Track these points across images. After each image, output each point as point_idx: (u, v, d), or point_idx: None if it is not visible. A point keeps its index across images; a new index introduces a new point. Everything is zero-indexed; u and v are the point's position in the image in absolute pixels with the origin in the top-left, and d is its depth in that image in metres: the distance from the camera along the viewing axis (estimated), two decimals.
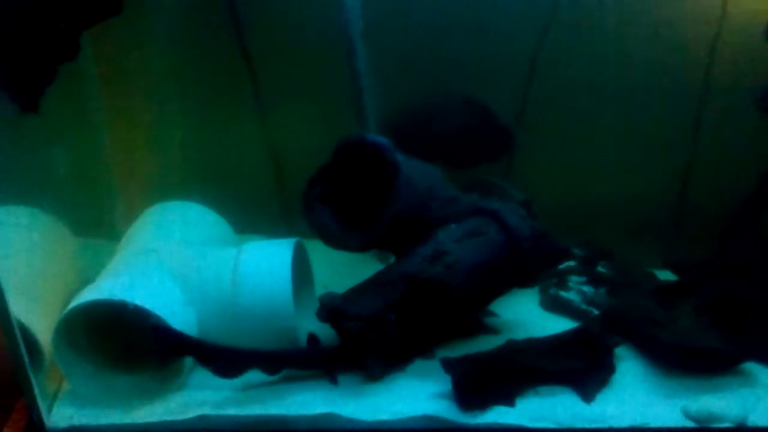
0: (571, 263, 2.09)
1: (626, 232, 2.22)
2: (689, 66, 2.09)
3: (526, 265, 1.71)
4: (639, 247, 2.19)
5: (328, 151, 1.73)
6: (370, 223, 1.63)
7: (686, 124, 2.17)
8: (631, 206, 2.24)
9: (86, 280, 1.65)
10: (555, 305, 2.01)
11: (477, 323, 1.88)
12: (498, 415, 1.51)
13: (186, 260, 1.68)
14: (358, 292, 1.64)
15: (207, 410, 1.51)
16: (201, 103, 2.16)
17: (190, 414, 1.50)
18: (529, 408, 1.53)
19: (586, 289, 2.01)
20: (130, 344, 1.67)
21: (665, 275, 2.12)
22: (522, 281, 1.81)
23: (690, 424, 1.51)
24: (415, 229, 1.67)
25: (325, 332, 1.66)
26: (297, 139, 2.22)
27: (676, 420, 1.52)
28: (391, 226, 1.59)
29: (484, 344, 1.70)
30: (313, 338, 1.64)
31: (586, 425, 1.50)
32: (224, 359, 1.51)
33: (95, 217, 2.04)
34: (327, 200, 1.72)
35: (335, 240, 1.68)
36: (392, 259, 1.81)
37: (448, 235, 1.68)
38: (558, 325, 1.87)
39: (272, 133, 2.22)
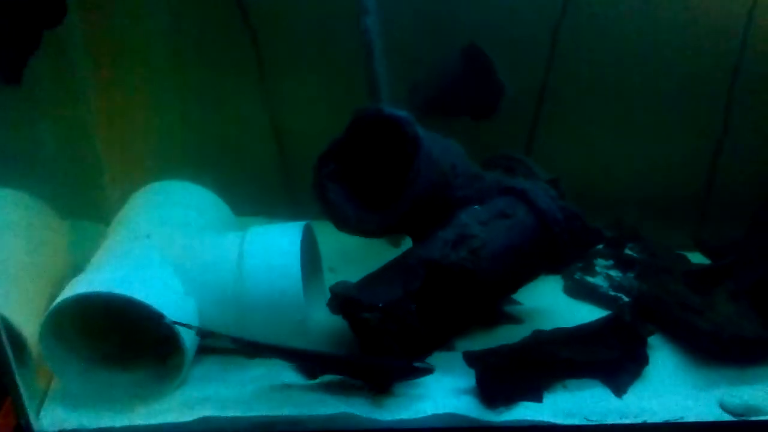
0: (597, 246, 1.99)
1: (653, 212, 2.17)
2: (722, 40, 2.04)
3: (559, 250, 1.64)
4: (667, 228, 2.14)
5: (335, 128, 1.65)
6: (387, 205, 1.56)
7: (717, 100, 2.12)
8: (658, 184, 2.20)
9: (74, 267, 1.60)
10: (580, 291, 1.95)
11: (498, 312, 1.82)
12: (525, 411, 1.47)
13: (184, 246, 1.60)
14: (373, 279, 1.58)
15: (210, 411, 1.45)
16: (200, 75, 2.09)
17: (193, 415, 1.44)
18: (558, 403, 1.49)
19: (613, 273, 1.95)
20: (125, 339, 1.61)
21: (696, 257, 2.06)
22: (553, 267, 1.74)
23: (728, 417, 1.48)
24: (435, 210, 1.59)
25: (336, 324, 1.62)
26: (302, 114, 2.14)
27: (714, 413, 1.49)
28: (412, 207, 1.51)
29: (506, 335, 1.66)
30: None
31: (618, 420, 1.46)
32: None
33: (82, 197, 1.97)
34: (339, 179, 1.63)
35: (349, 223, 1.59)
36: (402, 244, 1.76)
37: (472, 217, 1.60)
38: (584, 312, 1.83)
39: (276, 106, 2.15)
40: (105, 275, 1.48)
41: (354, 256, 1.95)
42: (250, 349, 1.54)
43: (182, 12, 1.98)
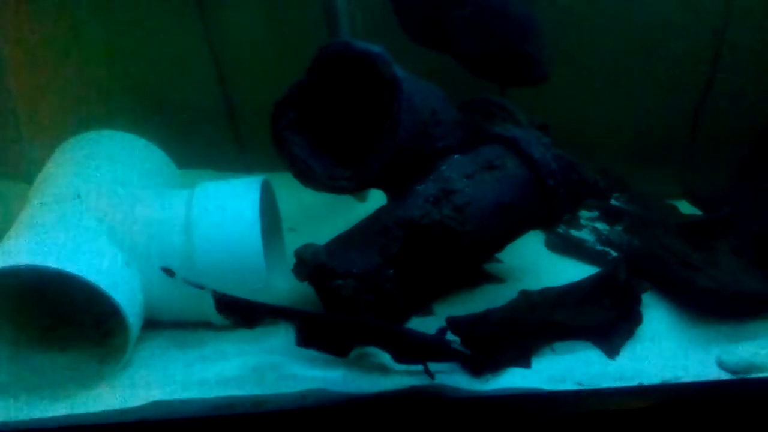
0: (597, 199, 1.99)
1: (636, 158, 2.17)
2: None
3: (553, 205, 1.60)
4: (652, 175, 2.14)
5: (290, 67, 1.57)
6: (358, 159, 1.50)
7: (705, 45, 2.13)
8: (641, 129, 2.19)
9: None
10: (564, 246, 1.92)
11: (478, 271, 1.78)
12: (513, 378, 1.45)
13: (121, 207, 1.53)
14: (344, 242, 1.53)
15: (161, 394, 1.40)
16: (130, 11, 1.97)
17: (141, 399, 1.38)
18: (547, 368, 1.49)
19: (600, 226, 1.94)
20: (58, 317, 1.56)
21: (685, 207, 2.07)
22: (545, 223, 1.70)
23: (727, 376, 1.49)
24: (413, 163, 1.54)
25: (300, 291, 1.58)
26: (250, 52, 2.05)
27: (712, 372, 1.49)
28: (391, 160, 1.45)
29: (489, 296, 1.66)
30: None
31: (612, 384, 1.45)
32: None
33: None
34: (301, 130, 1.56)
35: (317, 179, 1.53)
36: (369, 197, 1.67)
37: (455, 170, 1.55)
38: (570, 269, 1.83)
39: (219, 43, 2.05)
40: (26, 244, 1.40)
41: (316, 213, 1.92)
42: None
43: None
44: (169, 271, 1.38)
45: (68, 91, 1.98)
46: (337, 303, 1.49)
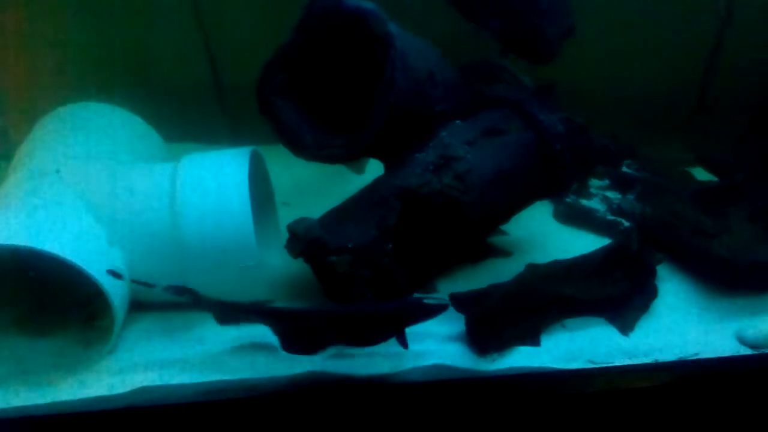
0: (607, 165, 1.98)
1: (644, 123, 2.12)
2: None
3: (561, 171, 1.55)
4: (661, 141, 2.11)
5: (281, 31, 1.52)
6: (351, 125, 1.46)
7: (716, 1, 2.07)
8: (650, 92, 2.14)
9: None
10: (573, 216, 1.90)
11: (482, 244, 1.75)
12: (521, 357, 1.43)
13: (103, 182, 1.50)
14: (339, 215, 1.50)
15: (150, 379, 1.37)
16: None
17: (128, 385, 1.36)
18: (558, 346, 1.46)
19: (610, 195, 1.91)
20: (40, 299, 1.53)
21: (700, 173, 2.04)
22: (552, 191, 1.65)
23: (747, 351, 1.47)
24: (410, 128, 1.50)
25: (295, 269, 1.56)
26: (237, 13, 2.00)
27: (731, 347, 1.48)
28: (386, 125, 1.41)
29: (494, 271, 1.65)
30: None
31: (627, 361, 1.44)
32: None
33: None
34: (290, 94, 1.52)
35: (308, 148, 1.49)
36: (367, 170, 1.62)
37: (456, 135, 1.50)
38: (579, 240, 1.82)
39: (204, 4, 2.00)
40: (3, 223, 1.37)
41: (311, 187, 1.90)
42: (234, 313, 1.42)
43: None
44: (147, 285, 1.36)
45: (51, 63, 1.96)
46: (332, 280, 1.46)
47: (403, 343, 1.35)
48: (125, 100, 1.75)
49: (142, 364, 1.40)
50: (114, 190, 1.48)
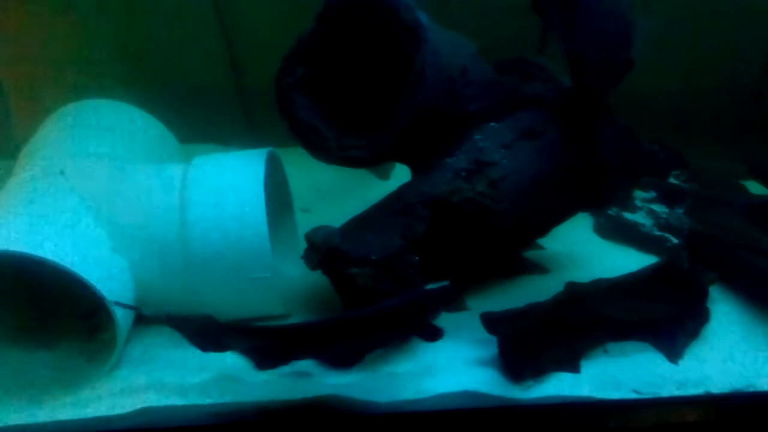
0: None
1: (696, 132, 2.06)
2: None
3: (604, 179, 1.50)
4: (714, 151, 2.04)
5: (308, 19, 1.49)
6: (377, 124, 1.42)
7: None
8: (702, 99, 2.09)
9: None
10: (617, 230, 1.87)
11: (517, 259, 1.72)
12: (558, 385, 1.38)
13: (108, 185, 1.49)
14: (362, 224, 1.47)
15: (153, 399, 1.34)
16: None
17: (130, 405, 1.33)
18: (599, 373, 1.41)
19: (657, 208, 1.86)
20: (41, 309, 1.52)
21: (754, 187, 2.00)
22: (595, 202, 1.61)
23: None
24: (441, 129, 1.46)
25: (313, 280, 1.53)
26: (260, 9, 2.00)
27: None
28: (413, 124, 1.37)
29: (529, 288, 1.62)
30: None
31: (676, 392, 1.37)
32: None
33: None
34: (310, 90, 1.49)
35: (328, 149, 1.46)
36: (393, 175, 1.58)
37: (491, 138, 1.46)
38: (623, 257, 1.78)
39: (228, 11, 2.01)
40: (2, 227, 1.36)
41: (332, 193, 1.89)
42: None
43: None
44: (136, 309, 1.35)
45: (60, 60, 1.98)
46: (353, 293, 1.43)
47: (428, 335, 1.34)
48: (143, 98, 1.75)
49: (146, 383, 1.38)
50: (120, 194, 1.48)
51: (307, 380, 1.37)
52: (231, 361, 1.40)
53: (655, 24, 1.91)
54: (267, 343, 1.32)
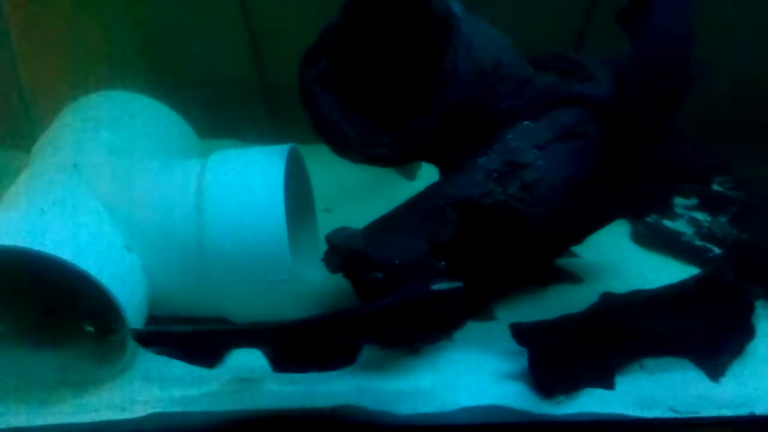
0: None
1: (744, 139, 2.01)
2: None
3: (648, 184, 1.46)
4: (763, 159, 1.99)
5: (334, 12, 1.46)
6: (404, 121, 1.38)
7: None
8: (752, 106, 2.06)
9: None
10: (655, 239, 1.84)
11: (549, 267, 1.69)
12: (591, 401, 1.35)
13: (122, 180, 1.47)
14: (386, 226, 1.44)
15: (165, 405, 1.32)
16: None
17: (140, 410, 1.31)
18: (634, 390, 1.38)
19: (699, 216, 1.83)
20: (49, 308, 1.50)
21: None
22: (636, 209, 1.59)
23: None
24: (471, 128, 1.43)
25: (334, 283, 1.51)
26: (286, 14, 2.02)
27: None
28: (442, 122, 1.33)
29: (562, 298, 1.61)
30: None
31: (717, 412, 1.34)
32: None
33: None
34: (334, 84, 1.46)
35: (351, 146, 1.43)
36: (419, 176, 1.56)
37: (525, 138, 1.42)
38: (663, 268, 1.75)
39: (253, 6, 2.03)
40: (12, 222, 1.34)
41: (356, 193, 1.87)
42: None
43: None
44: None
45: (78, 51, 1.97)
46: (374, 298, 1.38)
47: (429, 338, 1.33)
48: (163, 91, 1.73)
49: (158, 387, 1.36)
50: (134, 189, 1.46)
51: (325, 388, 1.35)
52: (243, 366, 1.37)
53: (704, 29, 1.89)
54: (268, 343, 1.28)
